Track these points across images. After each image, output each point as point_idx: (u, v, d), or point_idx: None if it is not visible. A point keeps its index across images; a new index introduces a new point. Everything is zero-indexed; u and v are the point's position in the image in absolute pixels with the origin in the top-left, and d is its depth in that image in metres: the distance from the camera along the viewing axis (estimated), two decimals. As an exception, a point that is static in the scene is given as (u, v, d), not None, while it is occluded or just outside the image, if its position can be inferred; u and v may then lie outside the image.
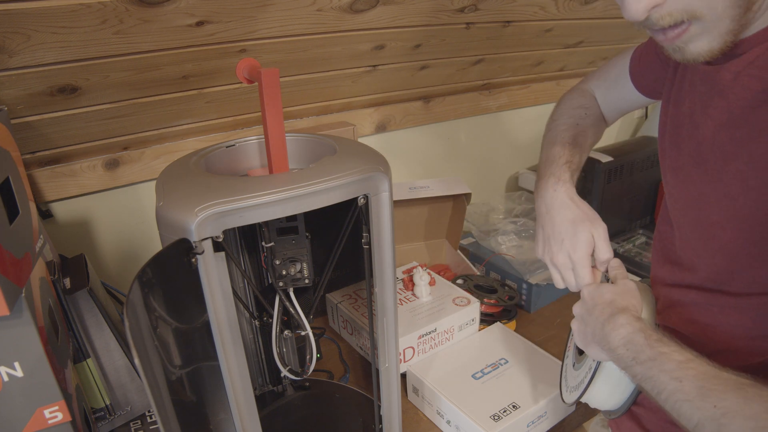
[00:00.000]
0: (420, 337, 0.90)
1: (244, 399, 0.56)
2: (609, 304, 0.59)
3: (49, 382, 0.65)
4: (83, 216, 1.02)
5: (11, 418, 0.64)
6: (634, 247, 1.36)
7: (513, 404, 0.80)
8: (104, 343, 0.79)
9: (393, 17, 0.93)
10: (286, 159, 0.59)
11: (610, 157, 1.36)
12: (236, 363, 0.54)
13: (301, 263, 0.66)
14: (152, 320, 0.49)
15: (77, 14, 0.65)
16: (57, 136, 0.89)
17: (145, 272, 0.46)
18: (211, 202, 0.49)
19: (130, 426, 0.84)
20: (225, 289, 0.52)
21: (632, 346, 0.53)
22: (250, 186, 0.52)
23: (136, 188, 1.05)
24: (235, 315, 0.53)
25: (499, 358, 0.90)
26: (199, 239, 0.48)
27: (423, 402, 0.87)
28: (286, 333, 0.70)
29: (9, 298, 0.58)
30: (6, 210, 0.63)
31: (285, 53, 0.92)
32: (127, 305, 0.43)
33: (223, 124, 1.08)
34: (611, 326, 0.56)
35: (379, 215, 0.59)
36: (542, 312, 1.14)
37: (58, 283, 0.75)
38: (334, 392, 0.89)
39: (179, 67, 0.84)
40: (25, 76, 0.72)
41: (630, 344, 0.53)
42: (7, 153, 0.68)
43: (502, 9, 1.03)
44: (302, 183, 0.52)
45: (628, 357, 0.53)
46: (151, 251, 0.49)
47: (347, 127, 1.17)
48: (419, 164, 1.43)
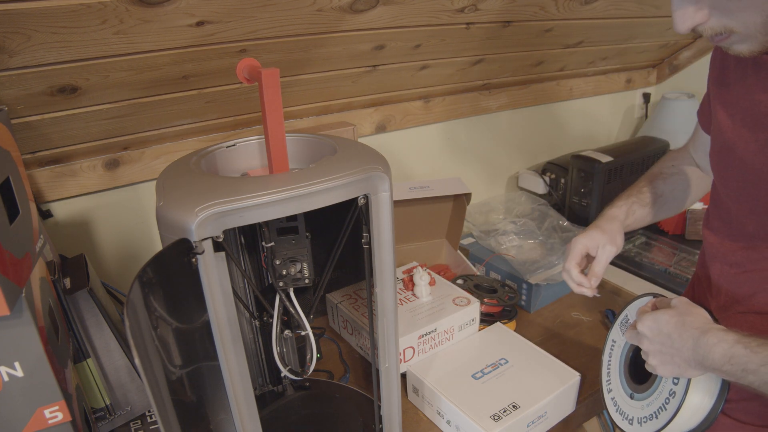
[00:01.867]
0: (420, 337, 0.90)
1: (244, 399, 0.56)
2: (683, 325, 0.60)
3: (49, 382, 0.65)
4: (83, 216, 1.02)
5: (11, 418, 0.64)
6: (634, 247, 1.36)
7: (513, 404, 0.80)
8: (104, 343, 0.79)
9: (393, 17, 0.93)
10: (286, 159, 0.59)
11: (610, 157, 1.36)
12: (236, 363, 0.54)
13: (301, 263, 0.66)
14: (152, 320, 0.49)
15: (77, 14, 0.65)
16: (57, 136, 0.89)
17: (146, 272, 0.46)
18: (211, 202, 0.49)
19: (130, 426, 0.84)
20: (225, 289, 0.52)
21: (737, 360, 0.54)
22: (250, 186, 0.52)
23: (136, 188, 1.05)
24: (235, 315, 0.53)
25: (499, 358, 0.90)
26: (199, 239, 0.48)
27: (423, 402, 0.87)
28: (286, 333, 0.70)
29: (9, 298, 0.58)
30: (6, 210, 0.63)
31: (285, 53, 0.92)
32: (127, 305, 0.43)
33: (223, 124, 1.08)
34: (705, 349, 0.57)
35: (379, 215, 0.59)
36: (542, 312, 1.14)
37: (58, 283, 0.75)
38: (334, 392, 0.89)
39: (179, 67, 0.84)
40: (25, 76, 0.72)
41: (734, 358, 0.55)
42: (7, 153, 0.68)
43: (502, 9, 1.03)
44: (302, 183, 0.52)
45: (736, 370, 0.54)
46: (151, 251, 0.49)
47: (347, 127, 1.17)
48: (419, 164, 1.43)
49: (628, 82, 1.78)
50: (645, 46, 1.60)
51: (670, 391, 0.66)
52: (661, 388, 0.68)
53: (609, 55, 1.56)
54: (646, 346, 0.64)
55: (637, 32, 1.45)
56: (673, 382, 0.66)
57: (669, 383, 0.66)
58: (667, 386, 0.67)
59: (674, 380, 0.66)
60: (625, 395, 0.74)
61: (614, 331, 0.79)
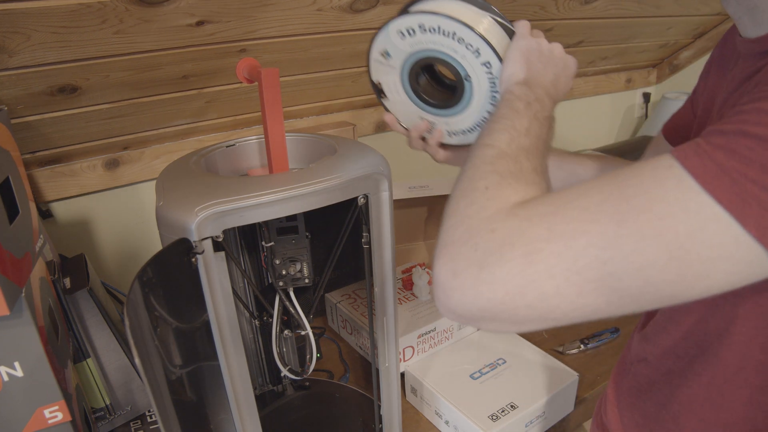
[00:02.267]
0: (419, 336, 0.90)
1: (244, 399, 0.56)
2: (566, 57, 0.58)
3: (49, 382, 0.65)
4: (83, 216, 1.02)
5: (11, 417, 0.64)
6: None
7: (511, 404, 0.80)
8: (104, 343, 0.79)
9: (393, 17, 0.93)
10: (286, 159, 0.60)
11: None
12: (236, 363, 0.54)
13: (301, 263, 0.66)
14: (152, 320, 0.49)
15: (77, 14, 0.65)
16: (57, 136, 0.89)
17: (146, 272, 0.47)
18: (211, 201, 0.49)
19: (130, 426, 0.84)
20: (225, 289, 0.52)
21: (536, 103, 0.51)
22: (250, 186, 0.52)
23: (136, 188, 1.05)
24: (235, 315, 0.53)
25: (497, 358, 0.90)
26: (199, 239, 0.48)
27: (422, 402, 0.87)
28: (286, 333, 0.70)
29: (9, 298, 0.58)
30: (6, 210, 0.63)
31: (285, 53, 0.92)
32: (127, 305, 0.43)
33: (223, 124, 1.08)
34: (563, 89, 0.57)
35: (379, 215, 0.59)
36: (542, 312, 1.14)
37: (58, 283, 0.75)
38: (334, 392, 0.89)
39: (179, 66, 0.84)
40: (25, 76, 0.72)
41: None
42: (7, 153, 0.68)
43: (502, 9, 1.03)
44: (302, 183, 0.52)
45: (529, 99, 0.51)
46: (151, 251, 0.49)
47: (347, 127, 1.17)
48: (419, 164, 1.43)
49: (628, 82, 1.78)
50: (645, 46, 1.60)
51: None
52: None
53: (609, 54, 1.56)
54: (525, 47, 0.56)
55: (637, 32, 1.45)
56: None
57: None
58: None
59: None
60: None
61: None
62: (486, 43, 0.56)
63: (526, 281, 0.35)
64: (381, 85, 0.66)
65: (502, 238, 0.36)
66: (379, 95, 0.68)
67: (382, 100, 0.68)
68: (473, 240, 0.37)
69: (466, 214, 0.39)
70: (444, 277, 0.37)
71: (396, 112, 0.68)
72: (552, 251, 0.34)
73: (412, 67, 0.62)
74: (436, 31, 0.57)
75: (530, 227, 0.36)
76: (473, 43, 0.56)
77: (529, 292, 0.35)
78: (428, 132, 0.68)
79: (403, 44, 0.60)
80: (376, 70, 0.65)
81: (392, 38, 0.60)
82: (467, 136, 0.65)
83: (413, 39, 0.59)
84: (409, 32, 0.59)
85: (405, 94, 0.65)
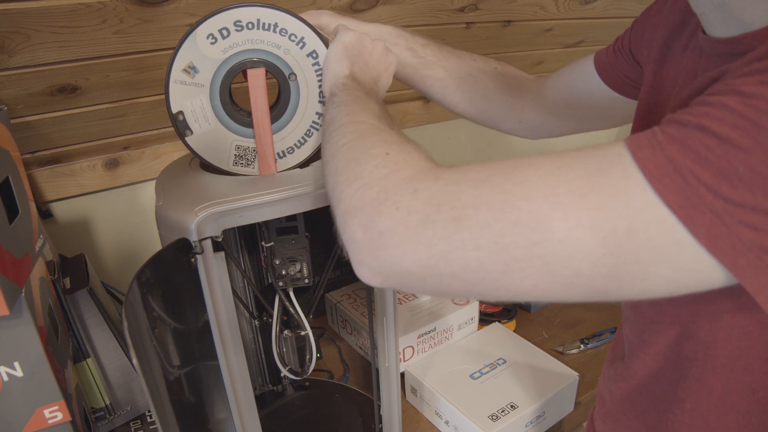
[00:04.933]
0: (419, 336, 0.90)
1: (244, 399, 0.56)
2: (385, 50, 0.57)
3: (49, 382, 0.65)
4: (83, 216, 1.02)
5: (11, 418, 0.64)
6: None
7: (511, 404, 0.80)
8: (104, 343, 0.79)
9: (393, 17, 0.93)
10: (273, 160, 0.59)
11: (610, 157, 1.36)
12: (236, 363, 0.54)
13: (301, 263, 0.66)
14: (151, 320, 0.49)
15: (77, 14, 0.65)
16: (57, 136, 0.89)
17: (145, 272, 0.47)
18: (210, 201, 0.49)
19: (130, 426, 0.84)
20: (225, 289, 0.52)
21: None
22: (250, 186, 0.52)
23: (136, 188, 1.05)
24: (234, 315, 0.53)
25: (497, 358, 0.90)
26: (199, 239, 0.48)
27: (422, 402, 0.87)
28: (286, 333, 0.70)
29: (9, 298, 0.58)
30: (6, 210, 0.63)
31: (285, 53, 0.92)
32: (125, 306, 0.43)
33: (223, 123, 1.08)
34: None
35: (378, 215, 0.59)
36: (542, 312, 1.14)
37: (58, 283, 0.75)
38: (334, 392, 0.89)
39: (179, 67, 0.84)
40: (25, 76, 0.72)
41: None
42: (7, 153, 0.68)
43: (502, 9, 1.03)
44: (302, 183, 0.52)
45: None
46: (151, 251, 0.48)
47: (347, 127, 1.16)
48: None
49: (628, 82, 1.77)
50: (645, 46, 1.60)
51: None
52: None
53: (609, 54, 1.55)
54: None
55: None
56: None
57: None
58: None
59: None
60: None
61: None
62: (310, 27, 0.53)
63: (451, 247, 0.32)
64: (183, 116, 0.55)
65: (427, 199, 0.33)
66: (181, 132, 0.55)
67: (185, 139, 0.56)
68: (392, 199, 0.34)
69: (375, 176, 0.36)
70: (365, 236, 0.35)
71: (203, 149, 0.56)
72: (479, 220, 0.32)
73: (224, 79, 0.54)
74: (254, 26, 0.52)
75: (458, 192, 0.33)
76: (297, 31, 0.53)
77: (453, 259, 0.32)
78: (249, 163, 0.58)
79: (214, 51, 0.53)
80: (177, 96, 0.54)
81: (200, 46, 0.52)
82: (295, 154, 0.59)
83: (226, 42, 0.52)
84: (222, 34, 0.52)
85: (217, 119, 0.55)
